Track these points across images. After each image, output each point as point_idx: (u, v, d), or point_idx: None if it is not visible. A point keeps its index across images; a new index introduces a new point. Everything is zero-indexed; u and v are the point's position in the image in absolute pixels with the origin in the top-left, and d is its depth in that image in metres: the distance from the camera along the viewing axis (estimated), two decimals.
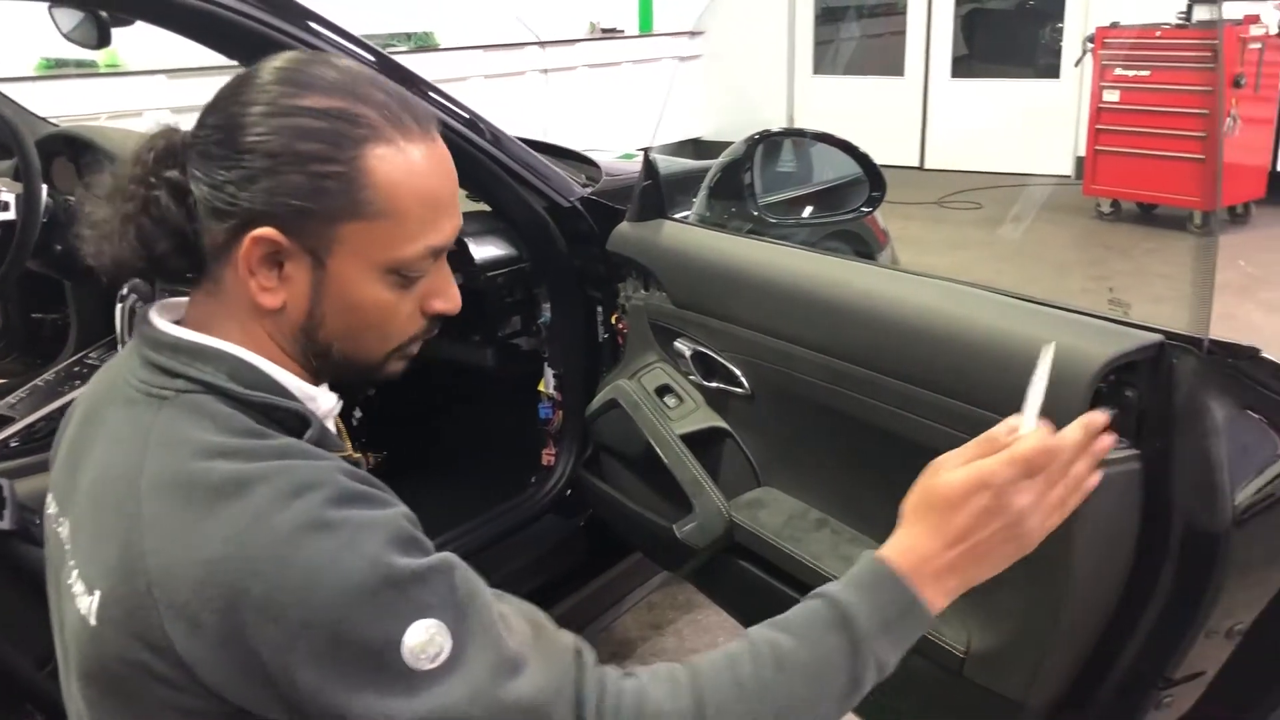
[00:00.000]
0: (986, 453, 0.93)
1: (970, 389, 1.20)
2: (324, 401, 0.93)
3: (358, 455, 0.93)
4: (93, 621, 0.81)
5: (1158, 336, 1.09)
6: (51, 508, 0.95)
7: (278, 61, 0.87)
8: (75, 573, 0.85)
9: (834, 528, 1.48)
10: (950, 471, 0.94)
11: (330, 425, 0.96)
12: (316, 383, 0.93)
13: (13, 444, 1.94)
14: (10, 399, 2.07)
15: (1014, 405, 1.14)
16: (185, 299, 0.93)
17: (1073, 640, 1.18)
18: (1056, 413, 1.09)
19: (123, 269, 0.88)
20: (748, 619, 1.75)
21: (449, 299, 0.93)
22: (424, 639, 0.76)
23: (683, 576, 1.88)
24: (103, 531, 0.82)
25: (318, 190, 0.83)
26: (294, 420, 0.86)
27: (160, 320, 0.89)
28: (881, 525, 1.42)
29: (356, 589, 0.75)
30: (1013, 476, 0.91)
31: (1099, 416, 0.94)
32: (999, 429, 0.95)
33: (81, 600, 0.83)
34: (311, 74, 0.86)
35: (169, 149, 0.88)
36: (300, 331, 0.89)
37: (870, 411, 1.34)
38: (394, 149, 0.85)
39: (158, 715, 0.80)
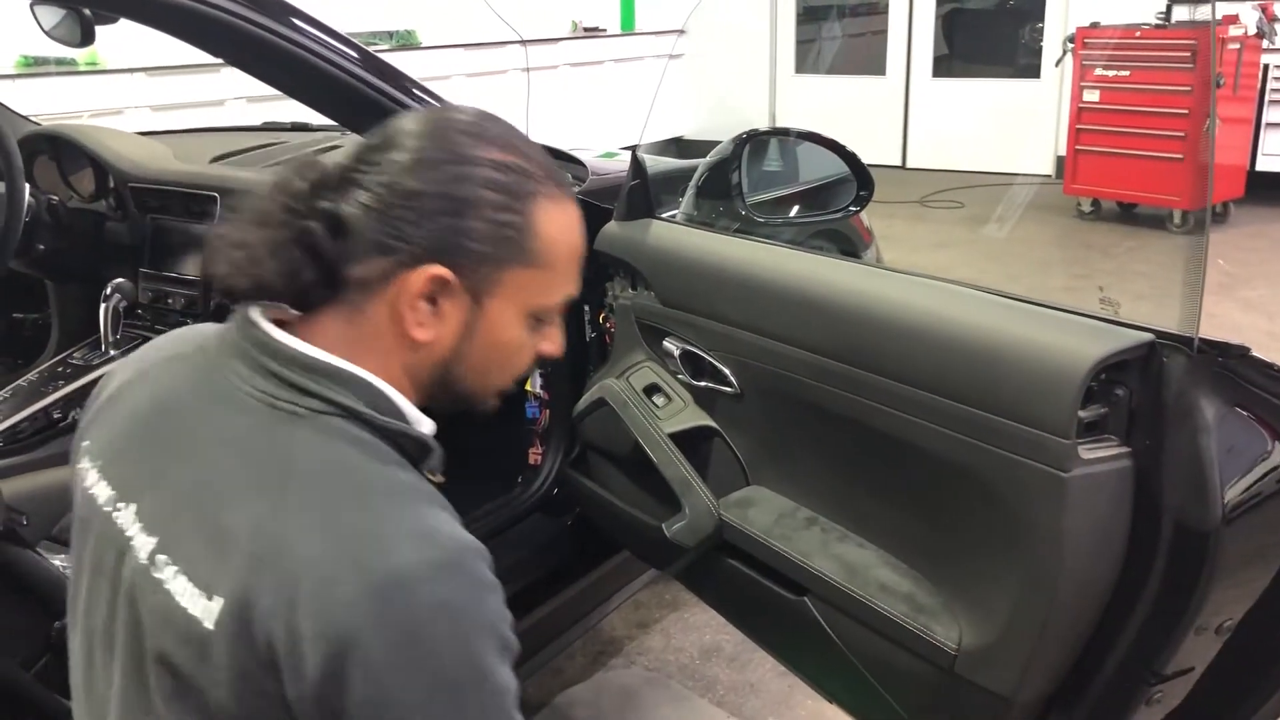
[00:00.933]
0: None
1: (958, 387, 1.20)
2: (427, 427, 0.95)
3: (440, 479, 0.96)
4: (208, 625, 0.80)
5: (1148, 335, 1.10)
6: (100, 488, 0.93)
7: (453, 113, 0.94)
8: (174, 570, 0.84)
9: (823, 526, 1.48)
10: None
11: None
12: (422, 408, 0.96)
13: None
14: None
15: (1000, 403, 1.15)
16: (282, 308, 0.93)
17: (1063, 636, 1.18)
18: (1049, 411, 1.10)
19: (262, 292, 0.90)
20: (737, 617, 1.77)
21: (556, 343, 1.01)
22: None
23: (671, 575, 1.88)
24: (230, 540, 0.82)
25: (495, 237, 0.90)
26: (417, 448, 0.91)
27: (281, 333, 0.90)
28: (871, 523, 1.44)
29: (457, 683, 0.79)
30: None
31: None
32: None
33: (190, 599, 0.82)
34: (487, 128, 0.93)
35: (323, 180, 0.91)
36: (440, 364, 0.93)
37: (859, 409, 1.34)
38: (557, 204, 0.94)
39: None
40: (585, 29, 7.80)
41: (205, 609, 0.81)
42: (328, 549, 0.79)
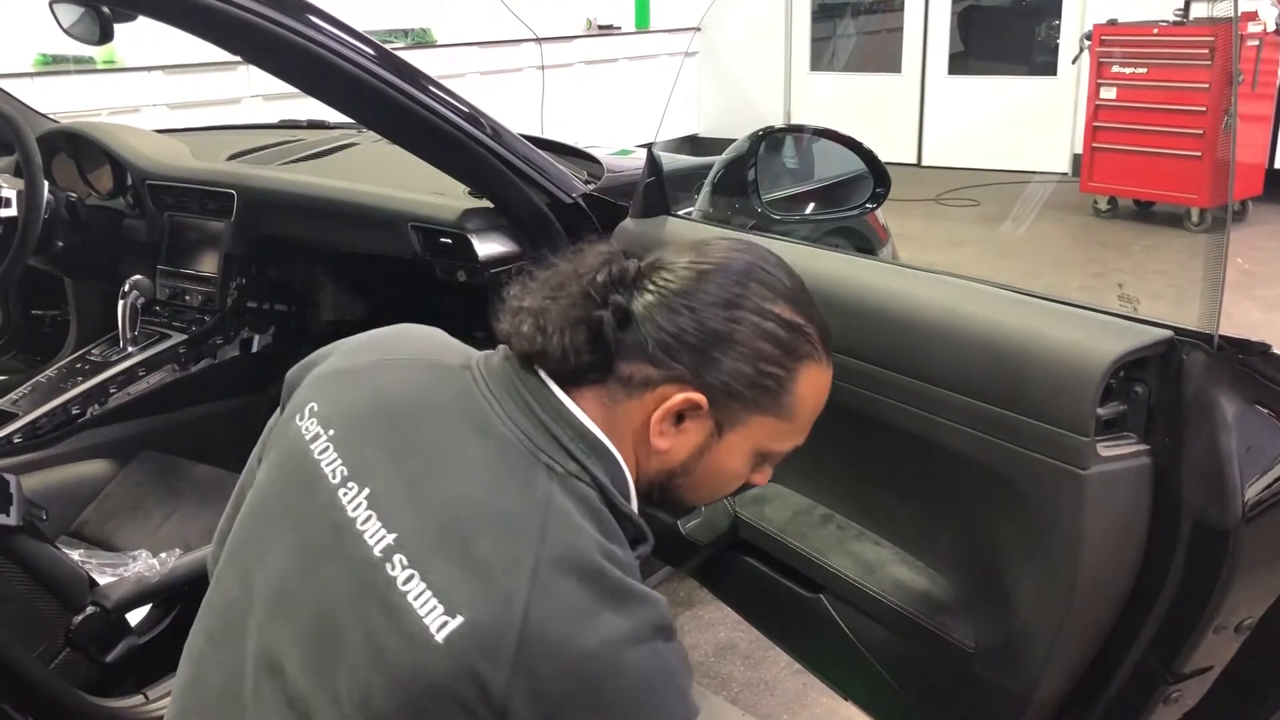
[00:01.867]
0: None
1: (976, 384, 1.20)
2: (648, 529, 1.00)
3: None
4: (437, 638, 0.82)
5: (1168, 332, 1.09)
6: (331, 459, 0.96)
7: (751, 256, 1.00)
8: (410, 573, 0.86)
9: (840, 523, 1.48)
10: None
11: None
12: None
13: (16, 440, 1.94)
14: (13, 395, 2.07)
15: (1018, 400, 1.15)
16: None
17: (1081, 635, 1.18)
18: (1068, 408, 1.10)
19: (541, 358, 0.96)
20: (752, 615, 1.77)
21: (766, 478, 1.09)
22: None
23: (686, 573, 1.88)
24: (483, 568, 0.85)
25: (757, 385, 0.96)
26: (636, 533, 0.96)
27: (566, 398, 0.95)
28: (887, 520, 1.43)
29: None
30: None
31: None
32: None
33: (427, 608, 0.84)
34: (785, 284, 0.99)
35: (622, 276, 0.98)
36: (664, 472, 1.00)
37: (876, 406, 1.34)
38: (820, 369, 1.01)
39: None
40: (600, 27, 7.80)
41: (441, 622, 0.82)
42: (571, 612, 0.83)
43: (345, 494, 0.92)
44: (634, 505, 0.97)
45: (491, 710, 0.80)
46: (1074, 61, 6.59)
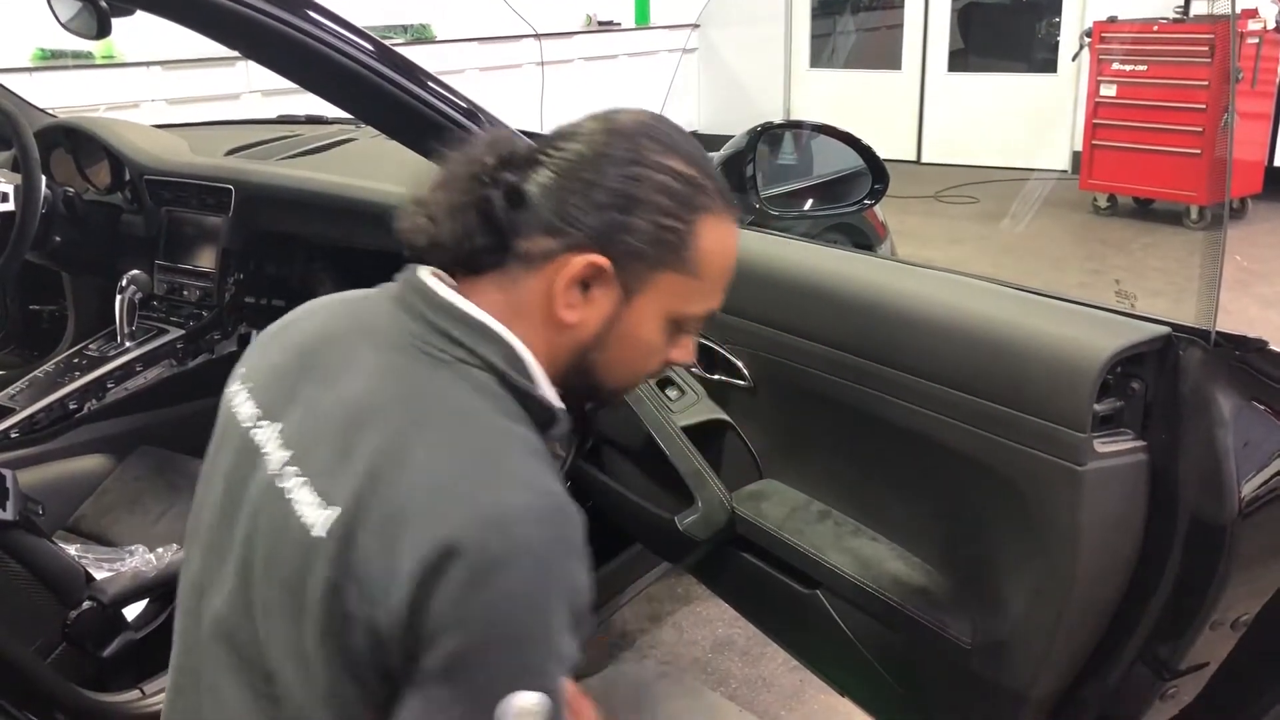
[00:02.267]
0: None
1: (974, 381, 1.20)
2: (558, 403, 0.98)
3: (561, 455, 0.99)
4: (318, 533, 0.85)
5: (1165, 329, 1.09)
6: (245, 408, 1.00)
7: (640, 116, 0.99)
8: (301, 480, 0.89)
9: (837, 520, 1.48)
10: None
11: None
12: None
13: (13, 435, 1.94)
14: (10, 390, 2.07)
15: (1015, 396, 1.15)
16: (446, 273, 0.98)
17: (1077, 631, 1.18)
18: (1064, 405, 1.10)
19: (436, 250, 0.97)
20: (749, 611, 1.77)
21: (688, 353, 1.05)
22: (529, 708, 0.81)
23: (684, 568, 1.88)
24: (356, 455, 0.87)
25: (658, 241, 0.94)
26: (544, 415, 0.95)
27: (444, 288, 0.96)
28: (884, 516, 1.43)
29: (523, 629, 0.81)
30: None
31: None
32: None
33: (308, 509, 0.87)
34: (674, 139, 0.97)
35: (512, 156, 0.97)
36: (578, 348, 0.98)
37: (873, 403, 1.34)
38: (721, 222, 0.99)
39: (327, 636, 0.85)
40: (599, 23, 7.80)
41: (320, 517, 0.86)
42: (443, 478, 0.84)
43: (255, 433, 0.96)
44: (542, 387, 0.95)
45: (373, 593, 0.81)
46: (1074, 59, 6.59)
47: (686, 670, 2.29)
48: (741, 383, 1.59)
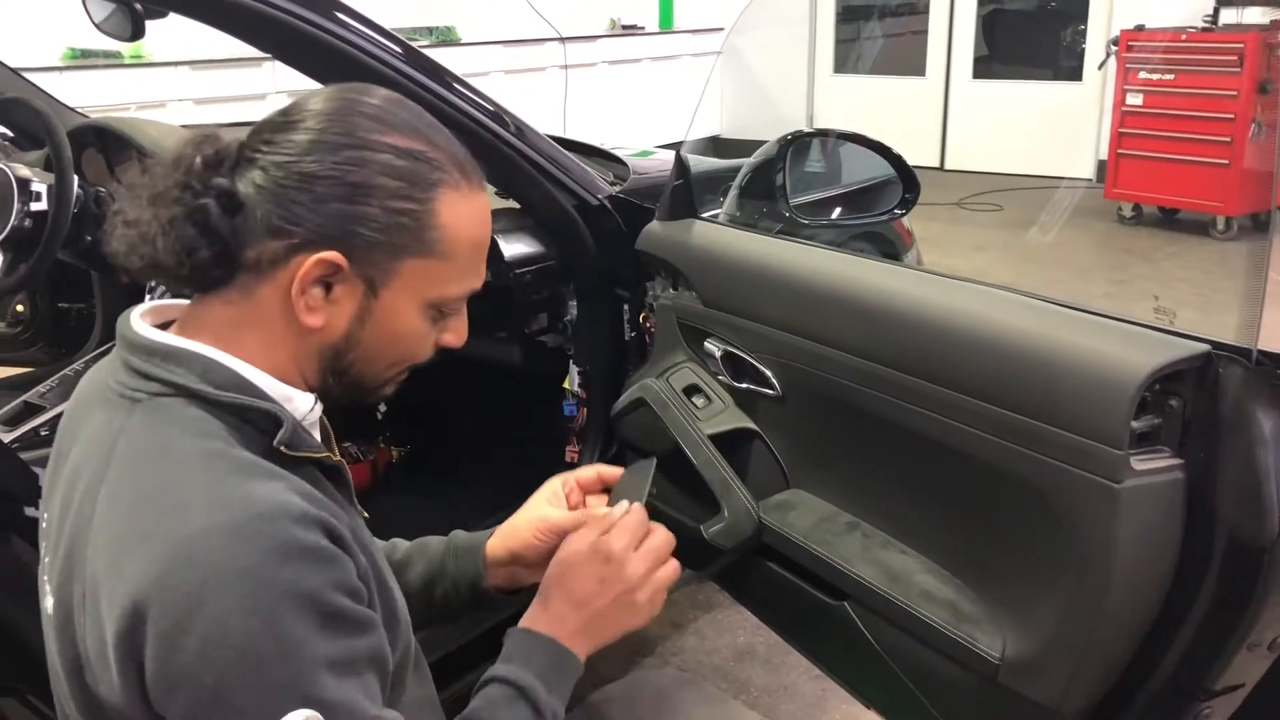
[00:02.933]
0: (600, 529, 1.08)
1: (1008, 394, 1.19)
2: (300, 403, 0.92)
3: (338, 460, 0.95)
4: (50, 621, 0.87)
5: (1205, 346, 1.08)
6: (42, 504, 0.97)
7: (360, 95, 0.90)
8: (46, 578, 0.90)
9: (865, 531, 1.47)
10: (577, 543, 1.07)
11: (315, 429, 0.97)
12: (303, 389, 0.93)
13: (43, 433, 1.95)
14: (40, 388, 2.08)
15: (1051, 411, 1.14)
16: (176, 302, 0.94)
17: (1111, 648, 1.17)
18: (1102, 420, 1.09)
19: (159, 272, 0.88)
20: (775, 621, 1.76)
21: (459, 335, 0.98)
22: None
23: (708, 576, 1.88)
24: (63, 533, 0.85)
25: (391, 225, 0.87)
26: (266, 421, 0.87)
27: (139, 323, 0.90)
28: (913, 529, 1.42)
29: (253, 655, 0.75)
30: (625, 544, 1.06)
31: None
32: (614, 510, 1.11)
33: (48, 600, 0.88)
34: (392, 113, 0.89)
35: (219, 156, 0.88)
36: (329, 350, 0.91)
37: (904, 415, 1.33)
38: (462, 196, 0.90)
39: (89, 716, 0.85)
40: (624, 27, 7.80)
41: (50, 605, 0.86)
42: (119, 530, 0.79)
43: (42, 524, 0.95)
44: (267, 390, 0.88)
45: (96, 671, 0.80)
46: (1100, 67, 6.55)
47: (708, 678, 2.29)
48: (770, 392, 1.58)
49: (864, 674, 1.52)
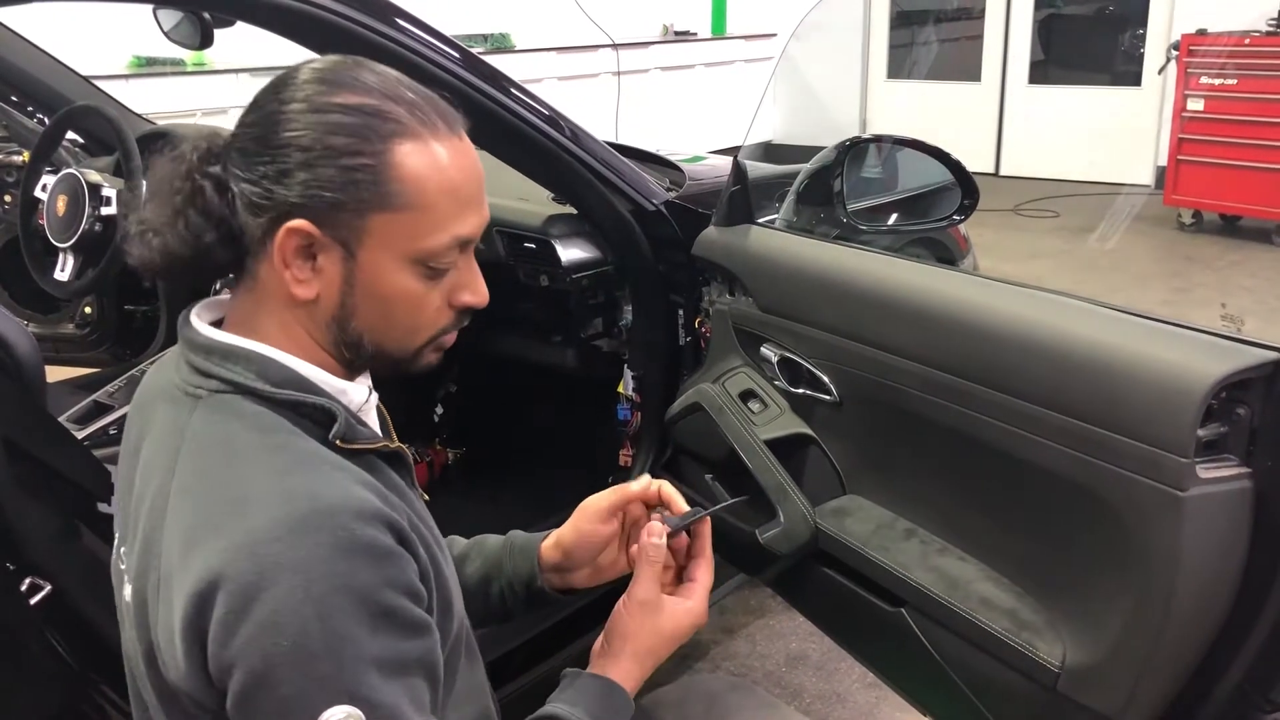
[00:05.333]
0: (659, 580, 1.09)
1: (1072, 401, 1.18)
2: (355, 395, 0.95)
3: (397, 446, 0.96)
4: (128, 611, 0.89)
5: (1273, 354, 1.07)
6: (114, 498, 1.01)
7: (315, 63, 0.91)
8: (124, 564, 0.92)
9: (923, 538, 1.47)
10: (667, 607, 1.08)
11: (372, 417, 0.99)
12: (351, 376, 0.95)
13: (111, 432, 2.00)
14: (110, 388, 2.13)
15: (1116, 419, 1.13)
16: (227, 298, 0.97)
17: (1174, 659, 1.15)
18: (1168, 428, 1.08)
19: (173, 261, 0.91)
20: (830, 627, 1.76)
21: (476, 292, 0.95)
22: None
23: (763, 581, 1.88)
24: (139, 526, 0.88)
25: (348, 183, 0.86)
26: (321, 415, 0.89)
27: (199, 322, 0.93)
28: (972, 536, 1.41)
29: (302, 646, 0.76)
30: (704, 605, 1.11)
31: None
32: (652, 553, 1.09)
33: (126, 586, 0.90)
34: (345, 74, 0.90)
35: (210, 149, 0.92)
36: (334, 322, 0.91)
37: (964, 421, 1.32)
38: (420, 144, 0.88)
39: (171, 710, 0.88)
40: (676, 33, 7.81)
41: (128, 592, 0.89)
42: (192, 522, 0.82)
43: (116, 517, 0.99)
44: (320, 382, 0.91)
45: (167, 658, 0.82)
46: (1160, 72, 6.45)
47: (760, 683, 2.29)
48: (826, 397, 1.58)
49: (921, 681, 1.51)
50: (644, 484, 1.16)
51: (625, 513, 1.17)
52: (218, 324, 0.94)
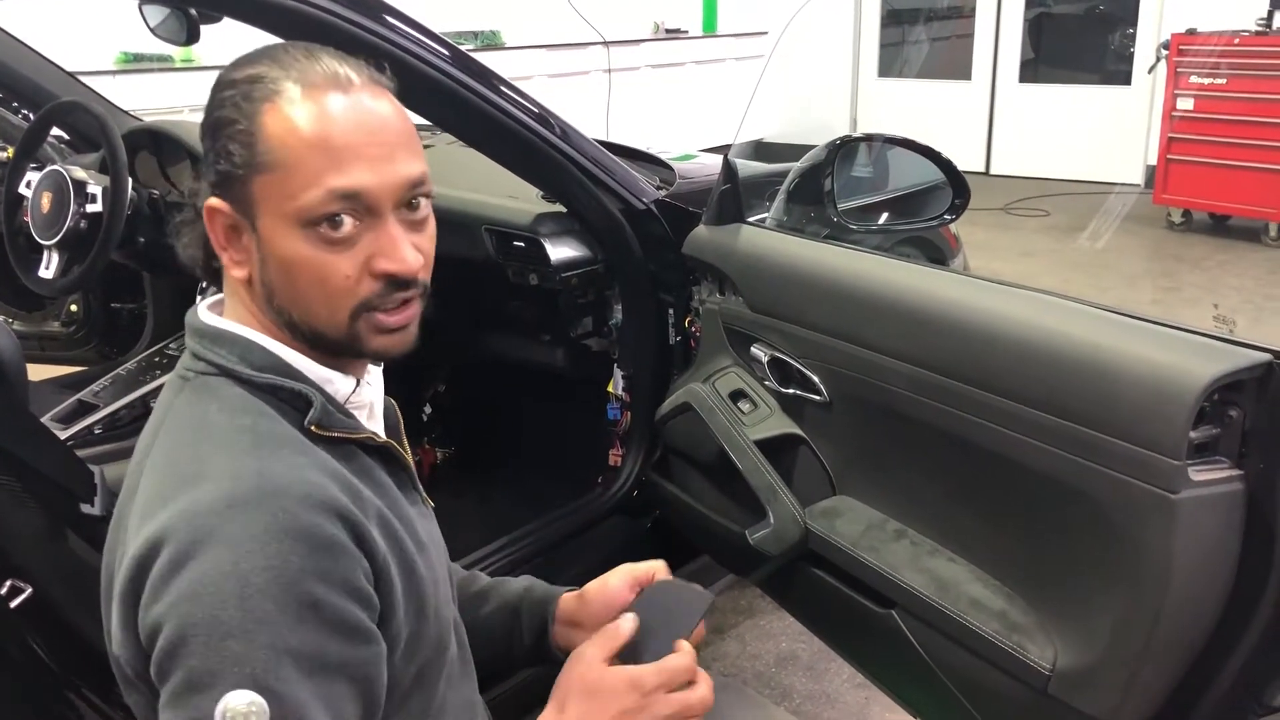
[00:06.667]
0: (613, 647, 1.01)
1: (1063, 402, 1.17)
2: (341, 385, 0.94)
3: (384, 440, 0.95)
4: (113, 588, 0.88)
5: (1266, 355, 1.06)
6: None
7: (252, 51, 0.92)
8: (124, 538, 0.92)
9: (913, 539, 1.46)
10: (603, 666, 0.99)
11: (374, 412, 0.99)
12: (339, 366, 0.94)
13: (96, 431, 1.98)
14: (95, 387, 2.12)
15: (1107, 420, 1.12)
16: None
17: (1166, 661, 1.15)
18: (1159, 430, 1.07)
19: (196, 268, 0.97)
20: (820, 628, 1.75)
21: (395, 259, 0.88)
22: (239, 710, 0.75)
23: (753, 582, 1.87)
24: (127, 504, 0.89)
25: (228, 152, 0.87)
26: (299, 400, 0.90)
27: (202, 309, 0.95)
28: (963, 538, 1.41)
29: (218, 619, 0.76)
30: (660, 684, 0.97)
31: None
32: (623, 625, 1.02)
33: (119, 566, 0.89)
34: (251, 54, 0.91)
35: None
36: (264, 301, 0.91)
37: (955, 422, 1.32)
38: (291, 102, 0.86)
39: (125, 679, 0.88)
40: (667, 31, 7.80)
41: (107, 575, 0.90)
42: (151, 494, 0.84)
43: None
44: (301, 369, 0.91)
45: (125, 632, 0.83)
46: (1150, 71, 6.46)
47: (750, 683, 2.28)
48: (816, 397, 1.57)
49: (911, 682, 1.50)
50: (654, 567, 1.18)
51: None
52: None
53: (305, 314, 0.90)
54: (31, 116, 2.48)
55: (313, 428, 0.88)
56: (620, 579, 1.16)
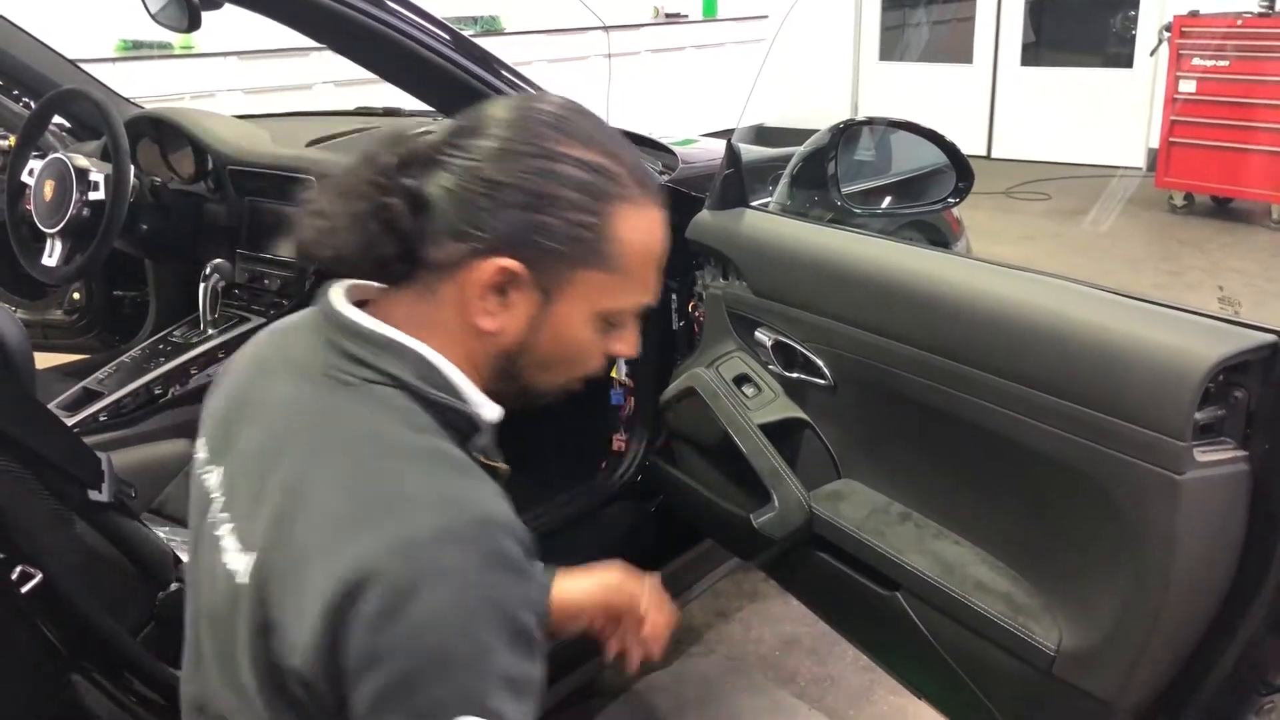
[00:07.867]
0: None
1: (1068, 384, 1.18)
2: (489, 411, 0.95)
3: (505, 468, 0.98)
4: (241, 580, 0.85)
5: (1271, 336, 1.07)
6: (201, 453, 1.00)
7: (543, 105, 0.92)
8: (229, 526, 0.90)
9: (918, 522, 1.46)
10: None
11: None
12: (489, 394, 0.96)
13: (101, 418, 1.99)
14: (99, 374, 2.12)
15: (1112, 402, 1.12)
16: (366, 284, 0.96)
17: (1170, 642, 1.15)
18: (1165, 411, 1.07)
19: (341, 263, 0.92)
20: (825, 611, 1.76)
21: (630, 345, 0.98)
22: None
23: (757, 566, 1.87)
24: (266, 496, 0.86)
25: (570, 236, 0.88)
26: (466, 424, 0.91)
27: (349, 307, 0.93)
28: (967, 520, 1.41)
29: (448, 652, 0.77)
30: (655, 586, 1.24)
31: None
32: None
33: (232, 555, 0.87)
34: (574, 122, 0.91)
35: (411, 157, 0.91)
36: (503, 355, 0.93)
37: (959, 405, 1.32)
38: (639, 210, 0.91)
39: (265, 687, 0.84)
40: (667, 15, 7.78)
41: (241, 564, 0.85)
42: (343, 509, 0.81)
43: (205, 478, 0.97)
44: (464, 395, 0.91)
45: (286, 635, 0.81)
46: (1152, 54, 6.44)
47: (754, 667, 2.29)
48: (821, 381, 1.58)
49: (916, 664, 1.51)
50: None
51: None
52: (359, 305, 0.94)
53: (543, 378, 0.96)
54: (33, 105, 2.48)
55: (483, 458, 0.91)
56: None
